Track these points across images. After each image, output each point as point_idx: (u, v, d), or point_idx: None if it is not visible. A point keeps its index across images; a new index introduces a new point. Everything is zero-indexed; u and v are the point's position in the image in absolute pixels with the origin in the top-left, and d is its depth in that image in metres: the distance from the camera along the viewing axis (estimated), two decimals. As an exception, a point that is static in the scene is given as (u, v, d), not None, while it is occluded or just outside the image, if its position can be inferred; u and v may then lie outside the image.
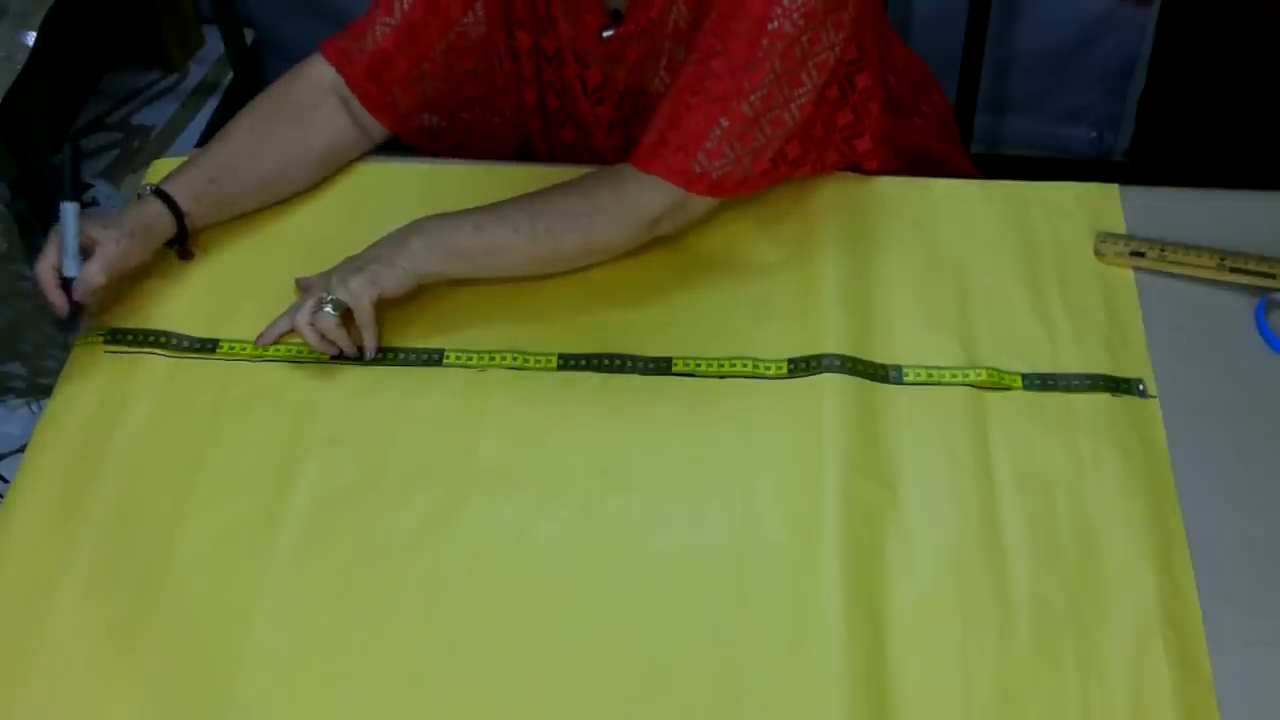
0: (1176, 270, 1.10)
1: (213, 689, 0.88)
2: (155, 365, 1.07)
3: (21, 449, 1.40)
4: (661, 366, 1.05)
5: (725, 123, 1.03)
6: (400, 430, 1.02)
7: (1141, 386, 1.02)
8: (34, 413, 1.58)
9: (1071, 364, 1.04)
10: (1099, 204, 1.16)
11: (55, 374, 1.08)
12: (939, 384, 1.03)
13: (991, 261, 1.12)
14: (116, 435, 1.02)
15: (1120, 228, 1.13)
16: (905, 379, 1.03)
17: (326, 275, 1.06)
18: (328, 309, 1.03)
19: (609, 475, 0.99)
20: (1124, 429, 0.99)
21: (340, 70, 1.16)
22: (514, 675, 0.89)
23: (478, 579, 0.93)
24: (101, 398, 1.05)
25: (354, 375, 1.06)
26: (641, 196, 1.06)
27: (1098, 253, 1.12)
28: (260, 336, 1.07)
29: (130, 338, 1.08)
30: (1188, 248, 1.10)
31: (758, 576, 0.92)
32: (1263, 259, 1.08)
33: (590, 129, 1.21)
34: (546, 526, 0.96)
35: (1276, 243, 1.10)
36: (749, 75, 1.02)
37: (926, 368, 1.04)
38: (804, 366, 1.03)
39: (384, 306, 1.05)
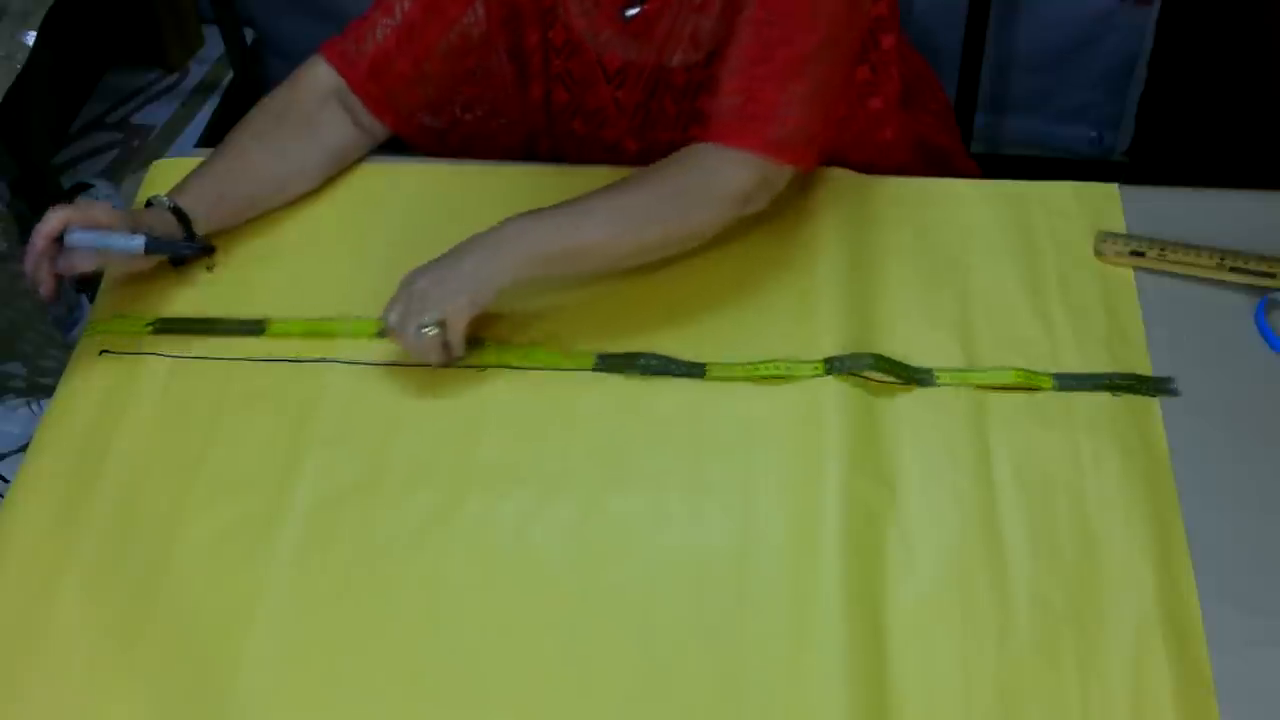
0: (1176, 270, 1.10)
1: (213, 689, 0.88)
2: (155, 365, 1.07)
3: (21, 449, 1.40)
4: (695, 371, 1.04)
5: (798, 89, 1.03)
6: (400, 430, 1.02)
7: (1173, 386, 1.02)
8: (34, 413, 1.57)
9: (1072, 364, 1.04)
10: (1099, 204, 1.16)
11: (55, 374, 1.08)
12: (971, 386, 1.02)
13: (991, 261, 1.12)
14: (117, 435, 1.02)
15: (1120, 227, 1.13)
16: (937, 381, 1.03)
17: (425, 284, 1.01)
18: (429, 330, 1.00)
19: (609, 474, 0.99)
20: (1124, 429, 0.99)
21: (342, 72, 1.16)
22: (514, 674, 0.89)
23: (478, 578, 0.93)
24: (102, 398, 1.05)
25: (354, 375, 1.06)
26: (733, 174, 1.04)
27: (1098, 252, 1.12)
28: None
29: (173, 326, 1.09)
30: (1188, 247, 1.10)
31: (758, 576, 0.92)
32: (1263, 259, 1.08)
33: (603, 118, 1.20)
34: (547, 525, 0.96)
35: (1276, 243, 1.10)
36: (808, 39, 1.02)
37: (958, 370, 1.03)
38: (838, 367, 1.03)
39: None
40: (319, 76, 1.17)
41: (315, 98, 1.16)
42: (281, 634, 0.91)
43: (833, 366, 1.03)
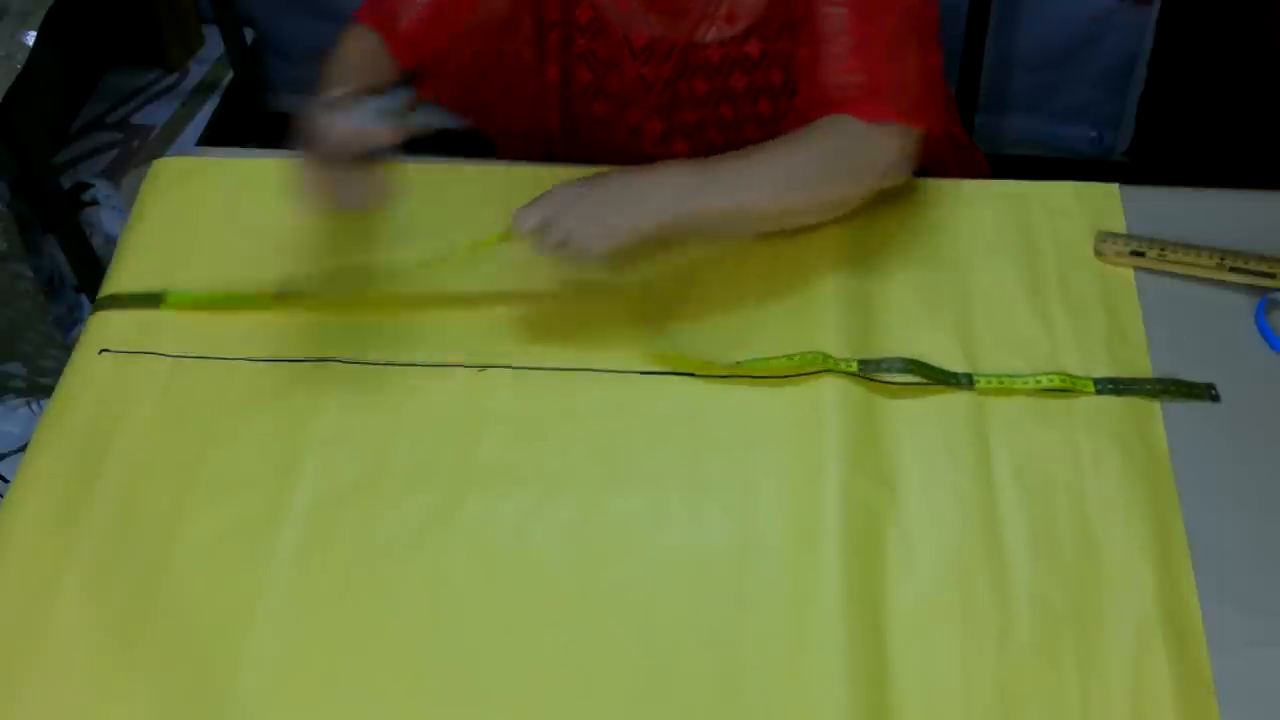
0: (1176, 270, 1.10)
1: (213, 689, 0.88)
2: (155, 365, 1.07)
3: (21, 449, 1.40)
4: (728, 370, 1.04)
5: (914, 52, 1.04)
6: (400, 430, 1.02)
7: (1214, 392, 1.01)
8: (34, 412, 1.58)
9: (1072, 364, 1.04)
10: (1099, 204, 1.16)
11: (55, 374, 1.08)
12: (1012, 392, 1.02)
13: (991, 261, 1.12)
14: (117, 435, 1.02)
15: (1120, 227, 1.13)
16: (976, 386, 1.02)
17: (575, 221, 0.99)
18: (570, 255, 1.00)
19: (610, 474, 0.99)
20: (1124, 429, 0.99)
21: (383, 36, 1.14)
22: (514, 674, 0.89)
23: (478, 578, 0.93)
24: (102, 398, 1.05)
25: (354, 375, 1.06)
26: (880, 145, 1.05)
27: (1098, 252, 1.12)
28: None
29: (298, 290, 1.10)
30: (1188, 247, 1.10)
31: (758, 576, 0.92)
32: (1263, 259, 1.08)
33: (627, 97, 1.20)
34: (547, 525, 0.96)
35: (1276, 243, 1.10)
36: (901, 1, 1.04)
37: (999, 375, 1.03)
38: (872, 368, 1.03)
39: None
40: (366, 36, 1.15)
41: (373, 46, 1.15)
42: (281, 634, 0.91)
43: (866, 368, 1.03)
